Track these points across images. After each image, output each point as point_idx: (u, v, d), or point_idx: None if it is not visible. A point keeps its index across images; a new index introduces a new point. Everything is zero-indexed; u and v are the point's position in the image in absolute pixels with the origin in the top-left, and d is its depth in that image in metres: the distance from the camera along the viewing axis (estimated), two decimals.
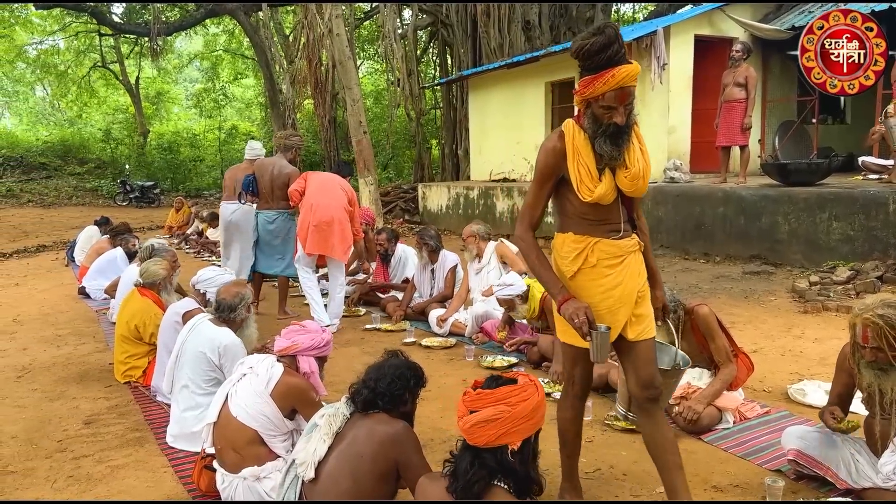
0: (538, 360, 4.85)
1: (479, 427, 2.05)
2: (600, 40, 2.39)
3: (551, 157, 2.55)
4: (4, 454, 3.63)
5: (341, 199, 6.03)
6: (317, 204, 5.92)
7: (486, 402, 2.08)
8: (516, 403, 2.07)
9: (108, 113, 32.63)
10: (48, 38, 29.10)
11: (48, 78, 31.14)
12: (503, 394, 2.09)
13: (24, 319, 6.94)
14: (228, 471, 2.84)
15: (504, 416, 2.05)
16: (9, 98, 37.67)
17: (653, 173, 10.41)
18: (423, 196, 14.81)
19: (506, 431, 2.05)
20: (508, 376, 2.20)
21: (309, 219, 5.92)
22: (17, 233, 15.25)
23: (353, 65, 12.71)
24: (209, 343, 3.48)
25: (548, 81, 12.79)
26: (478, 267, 5.99)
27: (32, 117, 36.84)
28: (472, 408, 2.10)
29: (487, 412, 2.05)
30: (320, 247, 5.96)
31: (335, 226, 5.93)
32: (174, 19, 23.83)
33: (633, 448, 3.46)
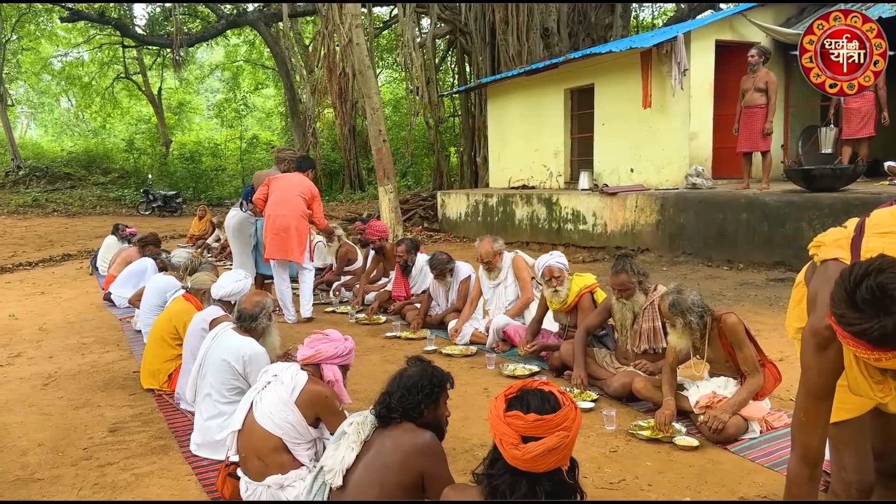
0: (560, 368, 4.81)
1: (542, 457, 1.93)
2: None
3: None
4: (31, 462, 3.67)
5: (298, 207, 6.68)
6: (274, 215, 6.63)
7: (547, 429, 1.95)
8: (571, 427, 1.98)
9: (131, 123, 33.14)
10: (73, 50, 29.64)
11: (73, 89, 31.70)
12: (561, 419, 1.98)
13: (50, 328, 7.04)
14: (252, 479, 2.85)
15: (565, 443, 1.96)
16: (35, 109, 38.39)
17: (674, 179, 10.43)
18: (442, 204, 14.82)
19: (564, 455, 1.98)
20: (535, 386, 2.09)
21: (270, 228, 6.64)
22: (42, 242, 15.49)
23: (372, 74, 12.78)
24: (233, 352, 3.50)
25: (566, 88, 12.77)
26: (495, 282, 5.87)
27: (58, 128, 37.50)
28: (526, 434, 1.95)
29: (551, 441, 1.93)
30: (280, 252, 6.67)
31: (292, 232, 6.61)
32: (196, 30, 24.14)
33: (658, 458, 3.42)
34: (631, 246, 9.75)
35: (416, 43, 17.65)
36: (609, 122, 11.73)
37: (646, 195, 9.87)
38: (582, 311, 4.90)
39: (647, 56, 10.65)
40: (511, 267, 5.83)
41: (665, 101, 10.53)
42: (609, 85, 11.69)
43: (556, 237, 11.25)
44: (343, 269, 8.48)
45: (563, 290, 4.97)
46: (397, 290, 7.16)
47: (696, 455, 3.44)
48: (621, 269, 4.29)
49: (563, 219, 11.21)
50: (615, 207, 10.24)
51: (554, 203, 11.40)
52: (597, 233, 10.59)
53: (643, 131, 11.02)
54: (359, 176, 24.19)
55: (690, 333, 3.67)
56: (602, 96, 11.85)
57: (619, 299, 4.38)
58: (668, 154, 10.61)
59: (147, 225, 14.42)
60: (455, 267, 6.41)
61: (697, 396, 3.74)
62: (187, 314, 4.64)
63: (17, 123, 34.46)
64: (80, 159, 26.39)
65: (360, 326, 6.67)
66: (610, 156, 11.74)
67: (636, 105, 11.00)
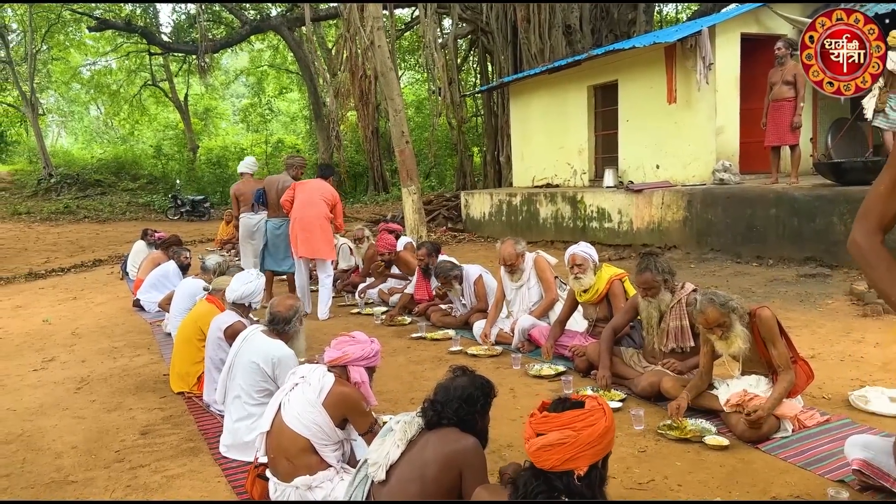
0: (587, 369, 4.77)
1: (544, 450, 2.05)
2: None
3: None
4: (65, 464, 3.74)
5: (321, 209, 7.25)
6: (300, 217, 7.20)
7: (552, 426, 2.07)
8: (582, 429, 2.05)
9: (158, 130, 33.66)
10: (101, 59, 30.17)
11: (101, 97, 32.28)
12: (569, 418, 2.08)
13: (83, 332, 7.17)
14: (281, 480, 2.88)
15: (570, 441, 2.03)
16: (65, 118, 39.19)
17: (701, 175, 10.30)
18: (465, 204, 14.81)
19: (571, 456, 2.03)
20: (576, 398, 2.18)
21: (296, 229, 7.20)
22: (74, 248, 15.80)
23: (394, 76, 12.82)
24: (262, 355, 3.55)
25: (590, 85, 12.68)
26: (518, 284, 5.84)
27: (87, 136, 38.23)
28: (538, 430, 2.09)
29: (553, 436, 2.04)
30: (308, 252, 7.24)
31: (317, 232, 7.19)
32: (220, 37, 24.43)
33: (687, 458, 3.38)
34: (658, 243, 9.65)
35: (437, 43, 17.67)
36: (633, 118, 11.62)
37: (672, 191, 9.76)
38: (613, 296, 4.89)
39: (672, 51, 10.53)
40: (533, 268, 5.79)
41: (690, 96, 10.41)
42: (633, 81, 11.58)
43: (582, 236, 11.17)
44: (370, 270, 8.52)
45: (586, 279, 4.96)
46: (420, 293, 7.16)
47: (726, 455, 3.39)
48: (646, 268, 4.25)
49: (588, 217, 11.13)
50: (641, 204, 10.14)
51: (578, 201, 11.33)
52: (623, 230, 10.51)
53: (668, 127, 10.90)
54: (382, 177, 24.28)
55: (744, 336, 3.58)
56: (626, 92, 11.74)
57: (644, 298, 4.34)
58: (694, 149, 10.48)
59: (176, 230, 14.59)
60: (462, 273, 6.42)
61: (728, 395, 3.68)
62: (211, 315, 4.72)
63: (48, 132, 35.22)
64: (110, 166, 26.84)
65: (386, 328, 6.70)
66: (635, 152, 11.63)
67: (661, 100, 10.89)
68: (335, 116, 19.58)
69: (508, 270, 5.80)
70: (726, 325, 3.56)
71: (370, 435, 2.85)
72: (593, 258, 5.06)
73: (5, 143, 31.20)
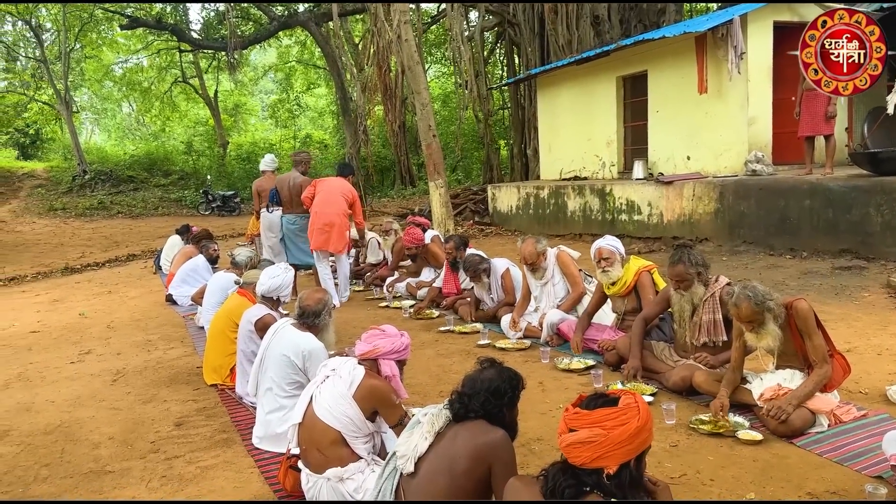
0: (617, 363, 4.73)
1: (574, 447, 2.03)
2: None
3: None
4: (103, 455, 3.83)
5: (340, 206, 7.60)
6: (319, 212, 7.55)
7: (583, 423, 2.05)
8: (612, 428, 2.01)
9: (189, 126, 34.07)
10: (132, 56, 30.60)
11: (133, 95, 32.71)
12: (600, 416, 2.04)
13: (118, 325, 7.31)
14: (313, 471, 2.91)
15: (599, 440, 2.00)
16: (98, 115, 39.87)
17: (733, 166, 10.14)
18: (492, 197, 14.78)
19: (601, 455, 2.00)
20: (612, 394, 2.14)
21: (315, 224, 7.56)
22: (108, 243, 16.11)
23: (421, 69, 12.81)
24: (293, 347, 3.59)
25: (619, 76, 12.55)
26: (542, 281, 5.82)
27: (120, 133, 38.84)
28: (570, 426, 2.08)
29: (583, 434, 2.02)
30: (322, 244, 7.58)
31: (335, 228, 7.54)
32: (249, 33, 24.62)
33: (720, 453, 3.34)
34: (688, 236, 9.53)
35: (464, 37, 17.61)
36: (664, 109, 11.48)
37: (703, 183, 9.63)
38: (642, 288, 4.86)
39: (702, 40, 10.37)
40: (556, 264, 5.75)
41: (722, 86, 10.25)
42: (663, 71, 11.43)
43: (610, 228, 11.08)
44: (398, 264, 8.56)
45: (614, 272, 4.93)
46: (447, 287, 7.17)
47: (759, 449, 3.35)
48: (678, 260, 4.19)
49: (617, 209, 11.03)
50: (671, 196, 10.03)
51: (607, 193, 11.24)
52: (652, 223, 10.40)
53: (699, 117, 10.75)
54: (409, 171, 24.31)
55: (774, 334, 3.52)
56: (656, 83, 11.60)
57: (676, 290, 4.28)
58: (725, 140, 10.32)
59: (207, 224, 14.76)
60: (490, 266, 6.40)
61: (761, 389, 3.63)
62: (242, 308, 4.78)
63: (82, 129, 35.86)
64: (142, 162, 27.26)
65: (414, 321, 6.72)
66: (665, 144, 11.49)
67: (692, 91, 10.73)
68: (362, 111, 19.63)
69: (530, 269, 5.78)
70: (758, 323, 3.51)
71: (400, 427, 2.86)
72: (620, 251, 5.02)
73: (41, 140, 31.85)
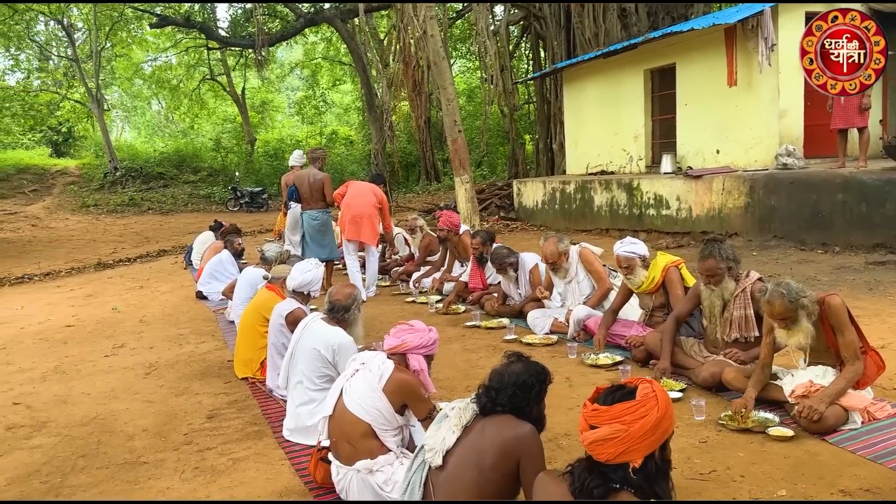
0: (645, 359, 4.70)
1: (597, 445, 2.00)
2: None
3: None
4: (137, 446, 3.91)
5: (371, 201, 7.96)
6: (351, 203, 7.92)
7: (602, 419, 2.02)
8: (632, 422, 1.98)
9: (217, 123, 34.48)
10: (161, 54, 31.03)
11: (162, 92, 33.18)
12: (619, 412, 2.01)
13: (150, 320, 7.45)
14: (343, 463, 2.95)
15: (620, 436, 1.97)
16: (128, 113, 40.51)
17: (763, 160, 10.00)
18: (518, 192, 14.75)
19: (624, 450, 1.98)
20: (629, 383, 2.11)
21: (346, 215, 7.91)
22: (139, 239, 16.38)
23: (447, 65, 12.82)
24: (323, 341, 3.64)
25: (646, 69, 12.44)
26: (566, 280, 5.80)
27: (149, 130, 39.45)
28: (591, 423, 2.05)
29: (604, 431, 1.99)
30: (354, 234, 7.91)
31: (364, 220, 7.87)
32: (276, 30, 24.82)
33: (750, 449, 3.32)
34: (718, 230, 9.43)
35: (490, 31, 17.57)
36: (692, 102, 11.35)
37: (733, 177, 9.51)
38: (671, 284, 4.82)
39: (732, 32, 10.23)
40: (579, 262, 5.73)
41: (752, 79, 10.10)
42: (692, 64, 11.30)
43: (638, 223, 11.01)
44: (425, 259, 8.59)
45: (636, 278, 4.91)
46: (474, 282, 7.17)
47: (791, 446, 3.31)
48: (709, 255, 4.15)
49: (645, 204, 10.95)
50: (700, 191, 9.92)
51: (635, 188, 11.15)
52: (681, 218, 10.30)
53: (729, 111, 10.61)
54: (434, 167, 24.34)
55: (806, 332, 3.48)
56: (684, 76, 11.47)
57: (707, 285, 4.24)
58: (756, 134, 10.18)
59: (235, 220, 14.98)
60: (519, 260, 6.39)
61: (793, 385, 3.59)
62: (272, 301, 4.87)
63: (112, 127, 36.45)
64: (172, 159, 27.67)
65: (440, 316, 6.74)
66: (694, 137, 11.37)
67: (721, 83, 10.60)
68: (388, 107, 19.69)
69: (551, 268, 5.76)
70: (791, 320, 3.47)
71: (428, 421, 2.89)
72: (639, 254, 4.96)
73: (73, 138, 32.48)
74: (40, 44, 29.39)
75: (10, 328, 7.51)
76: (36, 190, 24.97)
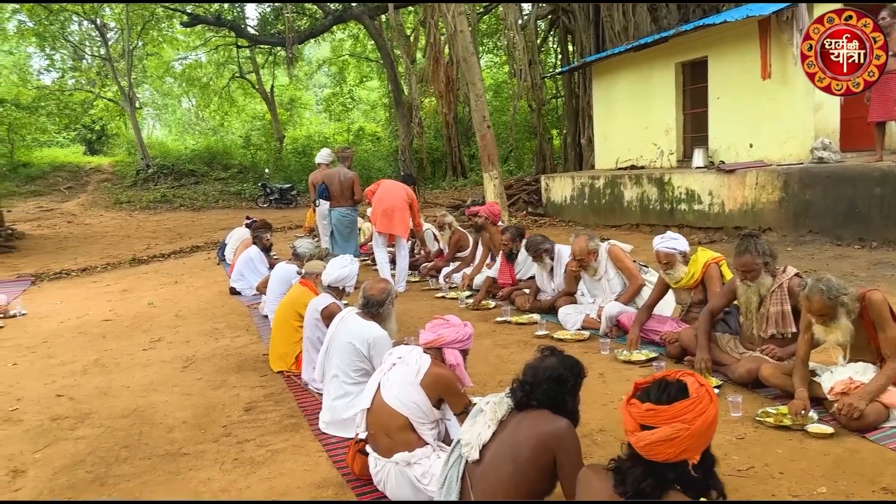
0: (679, 355, 4.67)
1: (656, 446, 1.94)
2: None
3: None
4: (178, 437, 4.00)
5: (402, 197, 8.13)
6: (383, 198, 8.08)
7: (661, 420, 1.94)
8: (693, 420, 1.93)
9: (246, 121, 34.85)
10: (191, 53, 31.46)
11: (193, 90, 33.63)
12: (679, 410, 1.94)
13: (185, 314, 7.59)
14: (381, 455, 2.99)
15: (683, 435, 1.92)
16: (159, 111, 41.13)
17: (798, 153, 9.84)
18: (546, 188, 14.69)
19: (686, 448, 1.93)
20: (673, 378, 2.05)
21: (378, 208, 8.06)
22: (172, 235, 16.66)
23: (476, 60, 12.83)
24: (358, 336, 3.68)
25: (677, 62, 12.30)
26: (595, 278, 5.77)
27: (180, 128, 39.99)
28: (643, 422, 1.97)
29: (664, 431, 1.92)
30: (387, 227, 8.04)
31: (396, 213, 8.01)
32: (305, 28, 25.01)
33: (789, 446, 3.29)
34: (751, 226, 9.30)
35: (518, 25, 17.50)
36: (725, 95, 11.20)
37: (767, 171, 9.38)
38: (710, 280, 4.78)
39: (766, 24, 10.07)
40: (608, 259, 5.70)
41: (786, 71, 9.94)
42: (724, 56, 11.15)
43: (669, 218, 10.91)
44: (454, 255, 8.62)
45: (676, 273, 4.87)
46: (503, 278, 7.17)
47: (830, 443, 3.28)
48: (745, 250, 4.11)
49: (676, 199, 10.84)
50: (733, 185, 9.80)
51: (666, 183, 11.05)
52: (713, 213, 10.18)
53: (762, 104, 10.45)
54: (461, 163, 24.34)
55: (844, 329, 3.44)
56: (716, 69, 11.33)
57: (743, 281, 4.20)
58: (790, 127, 10.02)
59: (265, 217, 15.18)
60: (555, 250, 6.36)
61: (832, 382, 3.55)
62: (305, 297, 4.95)
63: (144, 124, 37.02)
64: (202, 156, 28.06)
65: (471, 312, 6.76)
66: (726, 131, 11.22)
67: (754, 76, 10.45)
68: (417, 103, 19.74)
69: (579, 265, 5.74)
70: (830, 316, 3.43)
71: (464, 415, 2.92)
72: (679, 249, 4.92)
73: (106, 136, 33.10)
74: (74, 43, 29.96)
75: (50, 322, 7.71)
76: (71, 187, 25.53)
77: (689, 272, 4.85)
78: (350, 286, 4.76)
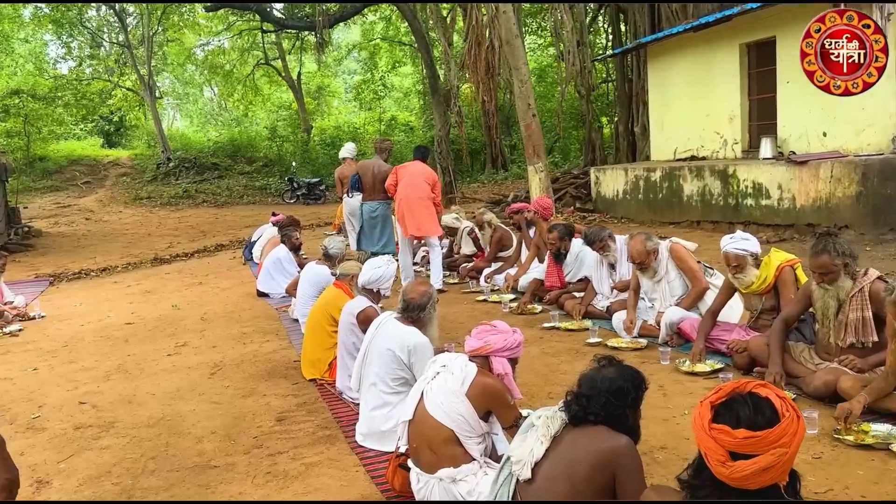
0: (748, 366, 4.60)
1: (757, 475, 1.89)
2: None
3: None
4: (207, 449, 4.09)
5: (425, 190, 8.06)
6: (405, 197, 8.05)
7: (760, 447, 1.88)
8: (789, 442, 1.90)
9: (272, 110, 35.33)
10: (214, 38, 31.99)
11: (215, 78, 34.25)
12: (777, 435, 1.90)
13: (211, 317, 7.74)
14: (424, 470, 3.02)
15: (783, 460, 1.89)
16: (180, 100, 41.93)
17: (878, 143, 9.63)
18: (595, 181, 14.59)
19: (782, 472, 1.92)
20: (749, 389, 2.01)
21: (402, 208, 8.06)
22: (195, 233, 16.98)
23: (520, 43, 12.78)
24: (398, 342, 3.72)
25: (742, 43, 12.10)
26: (655, 279, 5.69)
27: (202, 118, 40.74)
28: (735, 450, 1.90)
29: (766, 460, 1.88)
30: (416, 230, 8.04)
31: (422, 211, 8.00)
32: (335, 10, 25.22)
33: (871, 467, 3.23)
34: (825, 223, 9.12)
35: (565, 3, 17.40)
36: (795, 79, 10.95)
37: (843, 163, 9.19)
38: (783, 285, 4.69)
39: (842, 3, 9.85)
40: (670, 259, 5.62)
41: None
42: (795, 37, 10.82)
43: (734, 214, 10.75)
44: (496, 255, 8.58)
45: (747, 278, 4.79)
46: (550, 280, 7.11)
47: None
48: (823, 250, 4.02)
49: (742, 193, 10.68)
50: (805, 178, 9.62)
51: (730, 175, 10.89)
52: (783, 208, 10.01)
53: None
54: (501, 154, 24.26)
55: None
56: (786, 50, 11.10)
57: (820, 285, 4.12)
58: (869, 114, 9.78)
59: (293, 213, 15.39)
60: (619, 243, 6.26)
61: None
62: (340, 300, 5.02)
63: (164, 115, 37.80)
64: (226, 149, 28.51)
65: (516, 316, 6.75)
66: (797, 119, 11.00)
67: None
68: (455, 90, 19.73)
69: (638, 268, 5.68)
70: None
71: (514, 429, 2.91)
72: (751, 251, 4.82)
73: (125, 127, 33.89)
74: (92, 30, 30.69)
75: (70, 325, 7.93)
76: (88, 182, 26.17)
77: (761, 276, 4.76)
78: (386, 288, 4.80)
